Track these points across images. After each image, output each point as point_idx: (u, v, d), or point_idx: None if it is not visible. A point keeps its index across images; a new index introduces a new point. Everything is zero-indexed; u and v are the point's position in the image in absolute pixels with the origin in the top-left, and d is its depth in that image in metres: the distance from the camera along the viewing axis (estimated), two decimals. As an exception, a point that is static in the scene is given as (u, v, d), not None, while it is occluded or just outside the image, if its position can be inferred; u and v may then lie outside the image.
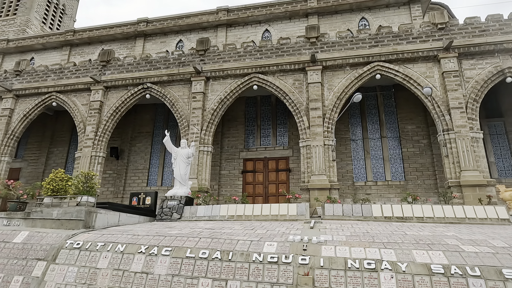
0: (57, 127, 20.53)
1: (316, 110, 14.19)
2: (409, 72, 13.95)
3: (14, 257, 7.30)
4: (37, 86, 17.75)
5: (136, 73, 16.70)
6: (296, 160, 16.81)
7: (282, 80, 15.14)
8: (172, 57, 16.73)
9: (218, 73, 15.79)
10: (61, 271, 6.72)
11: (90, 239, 7.25)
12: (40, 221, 8.29)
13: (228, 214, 10.02)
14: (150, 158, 18.73)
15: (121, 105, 16.58)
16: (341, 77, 14.66)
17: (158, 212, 10.67)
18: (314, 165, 13.49)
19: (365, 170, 16.10)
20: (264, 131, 17.79)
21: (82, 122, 16.69)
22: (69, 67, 17.96)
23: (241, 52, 15.99)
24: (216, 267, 6.04)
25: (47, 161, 19.90)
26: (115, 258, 6.62)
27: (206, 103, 15.70)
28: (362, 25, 18.76)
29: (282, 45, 15.64)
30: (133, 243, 6.87)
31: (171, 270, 6.18)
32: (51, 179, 8.69)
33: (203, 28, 20.69)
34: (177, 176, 11.21)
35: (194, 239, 6.81)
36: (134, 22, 21.64)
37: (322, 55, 14.82)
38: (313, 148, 13.73)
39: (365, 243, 6.34)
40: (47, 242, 7.43)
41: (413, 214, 8.93)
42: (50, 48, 22.84)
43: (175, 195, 10.76)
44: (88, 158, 15.82)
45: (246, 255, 6.12)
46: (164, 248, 6.54)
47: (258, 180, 17.02)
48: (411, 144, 15.89)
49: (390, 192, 15.38)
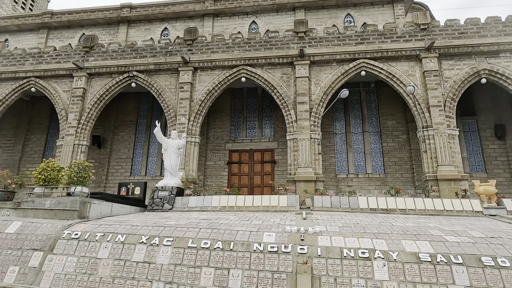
0: (34, 113, 19.78)
1: (304, 104, 14.53)
2: (392, 70, 14.52)
3: (7, 247, 7.20)
4: (14, 70, 17.01)
5: (121, 61, 16.36)
6: (281, 152, 17.17)
7: (271, 73, 15.33)
8: (159, 46, 16.49)
9: (206, 64, 15.75)
10: (59, 261, 6.73)
11: (88, 230, 7.27)
12: (32, 211, 8.17)
13: (220, 205, 10.23)
14: (134, 147, 18.50)
15: (105, 93, 16.23)
16: (328, 73, 15.03)
17: (149, 203, 10.72)
18: (300, 158, 13.88)
19: (347, 163, 16.70)
20: (250, 123, 17.99)
21: (64, 109, 16.22)
22: (49, 51, 17.30)
23: (229, 43, 16.00)
24: (218, 256, 6.27)
25: (23, 149, 19.20)
26: (116, 248, 6.71)
27: (194, 93, 15.66)
28: (347, 21, 19.18)
29: (271, 38, 15.78)
30: (133, 233, 6.97)
31: (173, 259, 6.35)
32: (42, 169, 8.53)
33: (189, 17, 20.42)
34: (167, 167, 11.25)
35: (194, 229, 6.99)
36: (117, 7, 21.00)
37: (310, 50, 15.11)
38: (300, 141, 14.10)
39: (357, 234, 6.76)
40: (43, 233, 7.37)
41: (396, 206, 9.51)
42: (26, 30, 21.79)
43: (166, 186, 10.83)
44: (71, 146, 15.46)
45: (247, 245, 6.39)
46: (166, 238, 6.69)
47: (244, 171, 17.27)
48: (391, 139, 16.61)
49: (371, 184, 16.08)
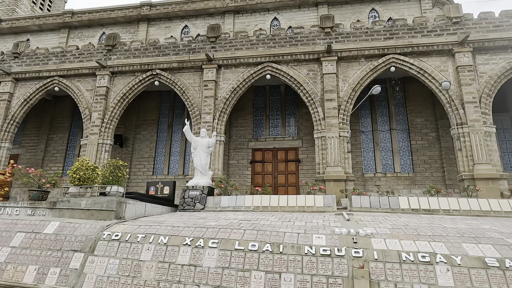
0: (56, 112, 19.82)
1: (331, 101, 14.15)
2: (423, 65, 14.03)
3: (47, 248, 7.05)
4: (38, 70, 17.02)
5: (144, 59, 16.21)
6: (305, 151, 16.83)
7: (296, 70, 14.99)
8: (181, 43, 16.29)
9: (230, 61, 15.49)
10: (101, 263, 6.54)
11: (128, 231, 7.06)
12: (68, 211, 8.01)
13: (253, 205, 9.95)
14: (156, 146, 18.38)
15: (129, 91, 16.12)
16: (356, 69, 14.62)
17: (180, 202, 10.50)
18: (329, 156, 13.52)
19: (374, 161, 16.26)
20: (273, 121, 17.68)
21: (87, 108, 16.16)
22: (71, 50, 17.27)
23: (253, 40, 15.70)
24: (268, 259, 5.99)
25: (46, 148, 19.26)
26: (159, 250, 6.48)
27: (218, 91, 15.42)
28: (372, 17, 18.70)
29: (296, 34, 15.44)
30: (175, 235, 6.73)
31: (220, 262, 6.10)
32: (77, 168, 8.38)
33: (209, 14, 20.19)
34: (198, 166, 11.02)
35: (238, 231, 6.72)
36: (137, 6, 20.91)
37: (337, 45, 14.71)
38: (328, 139, 13.74)
39: (411, 236, 6.40)
40: (82, 233, 7.20)
41: (439, 206, 9.09)
42: (47, 30, 21.88)
43: (197, 185, 10.60)
44: (95, 145, 15.38)
45: (297, 248, 6.09)
46: (211, 240, 6.44)
47: (267, 170, 16.98)
48: (420, 136, 16.11)
49: (399, 183, 15.62)
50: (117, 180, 8.45)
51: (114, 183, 8.33)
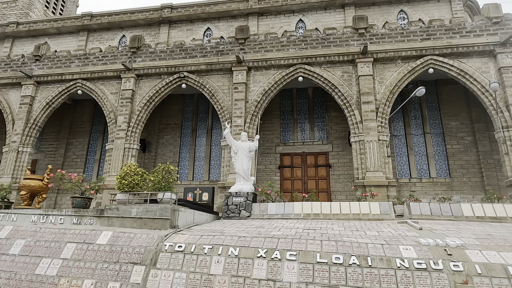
0: (76, 117, 19.34)
1: (369, 104, 13.66)
2: (464, 67, 13.56)
3: (103, 260, 6.50)
4: (60, 73, 16.57)
5: (170, 61, 15.77)
6: (336, 155, 16.31)
7: (330, 72, 14.53)
8: (209, 45, 15.86)
9: (260, 63, 15.04)
10: (166, 277, 5.99)
11: (191, 241, 6.51)
12: (118, 219, 7.47)
13: (304, 212, 9.40)
14: (180, 151, 17.86)
15: (155, 94, 15.65)
16: (392, 70, 14.16)
17: (224, 210, 9.95)
18: (368, 161, 13.00)
19: (408, 166, 15.73)
20: (301, 125, 17.18)
21: (113, 112, 15.67)
22: (94, 53, 16.83)
23: (284, 41, 15.27)
24: (357, 274, 5.44)
25: (66, 153, 18.75)
26: (230, 263, 5.93)
27: (249, 94, 14.95)
28: (401, 18, 18.29)
29: (328, 35, 15.00)
30: (245, 246, 6.18)
31: (302, 277, 5.55)
32: (125, 173, 7.85)
33: (232, 16, 19.79)
34: (240, 171, 10.49)
35: (314, 241, 6.18)
36: (158, 8, 20.53)
37: (372, 47, 14.26)
38: (367, 143, 13.22)
39: (506, 247, 5.85)
40: (139, 244, 6.65)
41: (506, 214, 8.54)
42: (65, 33, 21.48)
43: (240, 191, 10.06)
44: (121, 150, 14.87)
45: (387, 261, 5.54)
46: (287, 252, 5.89)
47: (297, 175, 16.44)
48: (456, 141, 15.60)
49: (436, 189, 15.06)
50: (168, 186, 7.93)
51: (166, 189, 7.81)
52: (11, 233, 7.45)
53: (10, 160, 15.52)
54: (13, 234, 7.41)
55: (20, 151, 15.75)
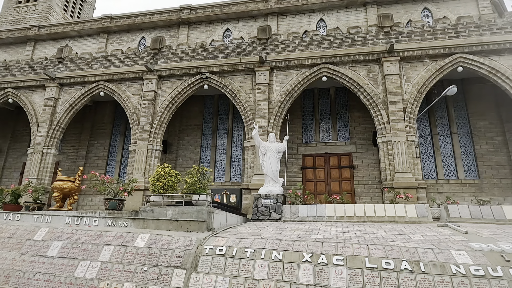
0: (96, 118, 19.47)
1: (396, 103, 13.36)
2: (495, 64, 13.14)
3: (142, 263, 6.41)
4: (83, 75, 16.69)
5: (192, 62, 15.72)
6: (360, 156, 16.02)
7: (355, 71, 14.27)
8: (231, 46, 15.77)
9: (283, 63, 14.87)
10: (208, 281, 5.86)
11: (231, 244, 6.37)
12: (153, 222, 7.39)
13: (337, 215, 9.19)
14: (200, 152, 17.80)
15: (177, 95, 15.62)
16: (419, 69, 13.83)
17: (254, 212, 9.81)
18: (397, 162, 12.69)
19: (435, 167, 15.34)
20: (323, 126, 16.93)
21: (135, 113, 15.70)
22: (116, 54, 16.91)
23: (307, 41, 15.07)
24: (409, 280, 5.21)
25: (87, 154, 18.88)
26: (275, 267, 5.77)
27: (271, 94, 14.79)
28: (425, 16, 17.91)
29: (353, 34, 14.75)
30: (288, 250, 6.02)
31: (351, 282, 5.35)
32: (159, 175, 7.77)
33: (252, 16, 19.69)
34: (268, 173, 10.34)
35: (361, 245, 5.97)
36: (177, 9, 20.57)
37: (399, 45, 13.94)
38: (395, 144, 12.92)
39: None
40: (178, 247, 6.54)
41: (552, 217, 8.19)
42: (85, 35, 21.69)
43: (270, 193, 9.90)
44: (145, 151, 14.87)
45: (440, 266, 5.30)
46: (334, 256, 5.70)
47: (319, 177, 16.19)
48: (484, 141, 15.14)
49: (464, 191, 14.63)
50: (203, 188, 7.82)
51: (201, 191, 7.71)
52: (47, 235, 7.43)
53: (35, 162, 15.68)
54: (50, 236, 7.40)
55: (45, 153, 15.91)
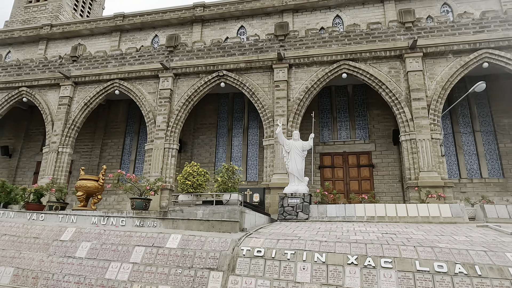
0: (110, 117, 19.31)
1: (420, 100, 13.02)
2: (523, 60, 12.76)
3: (176, 265, 6.17)
4: (98, 73, 16.53)
5: (208, 60, 15.49)
6: (379, 155, 15.69)
7: (376, 68, 13.95)
8: (247, 43, 15.51)
9: (302, 60, 14.59)
10: (247, 284, 5.60)
11: (269, 246, 6.12)
12: (183, 222, 7.15)
13: (367, 215, 8.90)
14: (216, 151, 17.57)
15: (194, 93, 15.40)
16: (443, 65, 13.47)
17: (280, 211, 9.55)
18: (421, 160, 12.36)
19: (457, 166, 14.97)
20: (341, 124, 16.62)
21: (151, 111, 15.50)
22: (131, 52, 16.72)
23: (326, 37, 14.77)
24: (466, 284, 4.92)
25: (101, 153, 18.73)
26: (318, 270, 5.50)
27: (290, 92, 14.52)
28: (444, 11, 17.52)
29: (373, 30, 14.42)
30: (331, 251, 5.75)
31: (402, 286, 5.07)
32: (188, 173, 7.54)
33: (266, 13, 19.42)
34: (293, 171, 10.07)
35: (407, 247, 5.68)
36: (190, 7, 20.35)
37: (421, 41, 13.60)
38: (419, 142, 12.59)
39: None
40: (212, 248, 6.30)
41: None
42: (98, 34, 21.56)
43: (296, 193, 9.63)
44: (161, 150, 14.67)
45: (498, 270, 5.00)
46: (381, 259, 5.42)
47: (338, 176, 15.89)
48: (509, 139, 14.74)
49: (488, 190, 14.25)
50: (234, 187, 7.58)
51: (232, 190, 7.47)
52: (74, 235, 7.23)
53: (51, 161, 15.55)
54: (77, 237, 7.19)
55: (60, 152, 15.78)
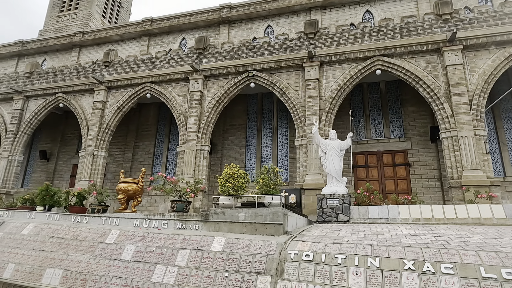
0: (141, 120, 19.68)
1: (461, 95, 12.41)
2: None
3: (222, 269, 6.10)
4: (129, 77, 16.85)
5: (238, 60, 15.43)
6: (416, 153, 15.12)
7: (412, 63, 13.42)
8: (276, 42, 15.34)
9: (333, 57, 14.26)
10: (297, 290, 5.43)
11: (317, 250, 5.92)
12: (226, 224, 7.08)
13: (412, 217, 8.53)
14: (246, 152, 17.51)
15: (224, 95, 15.39)
16: (485, 58, 12.78)
17: (318, 213, 9.32)
18: (464, 158, 11.76)
19: (501, 164, 14.19)
20: (374, 122, 16.15)
21: (182, 114, 15.63)
22: (161, 56, 16.94)
23: (357, 33, 14.37)
24: (540, 293, 4.53)
25: (133, 156, 19.11)
26: (372, 275, 5.26)
27: (322, 90, 14.23)
28: (482, 1, 16.68)
29: (408, 24, 13.90)
30: (385, 256, 5.48)
31: (467, 294, 4.74)
32: (228, 175, 7.48)
33: (294, 12, 19.18)
34: (331, 172, 9.80)
35: (468, 252, 5.33)
36: (216, 8, 20.42)
37: (461, 33, 12.95)
38: (461, 139, 11.99)
39: None
40: (258, 252, 6.18)
41: None
42: (127, 39, 22.05)
43: (335, 194, 9.37)
44: (193, 152, 14.75)
45: None
46: (441, 264, 5.11)
47: (372, 176, 15.44)
48: (558, 134, 13.83)
49: (537, 189, 13.41)
50: (275, 188, 7.45)
51: (274, 192, 7.34)
52: (119, 238, 7.31)
53: (87, 164, 15.99)
54: (122, 239, 7.27)
55: (95, 155, 16.19)
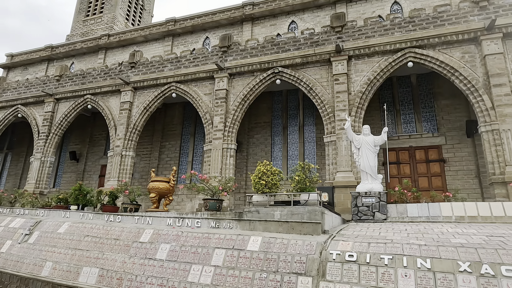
0: (166, 120, 19.82)
1: (502, 86, 11.70)
2: None
3: (259, 269, 5.90)
4: (155, 77, 16.97)
5: (263, 57, 15.22)
6: (451, 149, 14.43)
7: (447, 54, 12.78)
8: (302, 37, 15.01)
9: (362, 51, 13.80)
10: (341, 292, 5.16)
11: (361, 250, 5.63)
12: (260, 223, 6.89)
13: (455, 215, 8.05)
14: (271, 150, 17.29)
15: (249, 92, 15.21)
16: (528, 46, 12.00)
17: (353, 211, 8.98)
18: (507, 153, 11.07)
19: (546, 159, 13.27)
20: (405, 117, 15.54)
21: (208, 113, 15.58)
22: (186, 55, 16.96)
23: (387, 25, 13.84)
24: None
25: (160, 155, 19.28)
26: (423, 277, 4.92)
27: (351, 85, 13.79)
28: (521, -14, 15.69)
29: (441, 13, 13.25)
30: (436, 257, 5.12)
31: (533, 299, 4.33)
32: (261, 173, 7.29)
33: (318, 6, 18.78)
34: (366, 168, 9.43)
35: (530, 253, 4.90)
36: (239, 6, 20.29)
37: (500, 20, 12.22)
38: (503, 132, 11.29)
39: None
40: (297, 252, 5.94)
41: None
42: (151, 40, 22.29)
43: (371, 191, 8.99)
44: (220, 150, 14.67)
45: None
46: (501, 266, 4.71)
47: (404, 172, 14.86)
48: None
49: None
50: (311, 186, 7.21)
51: (310, 189, 7.11)
52: (153, 237, 7.26)
53: (115, 164, 16.22)
54: (156, 238, 7.21)
55: (124, 155, 16.40)
